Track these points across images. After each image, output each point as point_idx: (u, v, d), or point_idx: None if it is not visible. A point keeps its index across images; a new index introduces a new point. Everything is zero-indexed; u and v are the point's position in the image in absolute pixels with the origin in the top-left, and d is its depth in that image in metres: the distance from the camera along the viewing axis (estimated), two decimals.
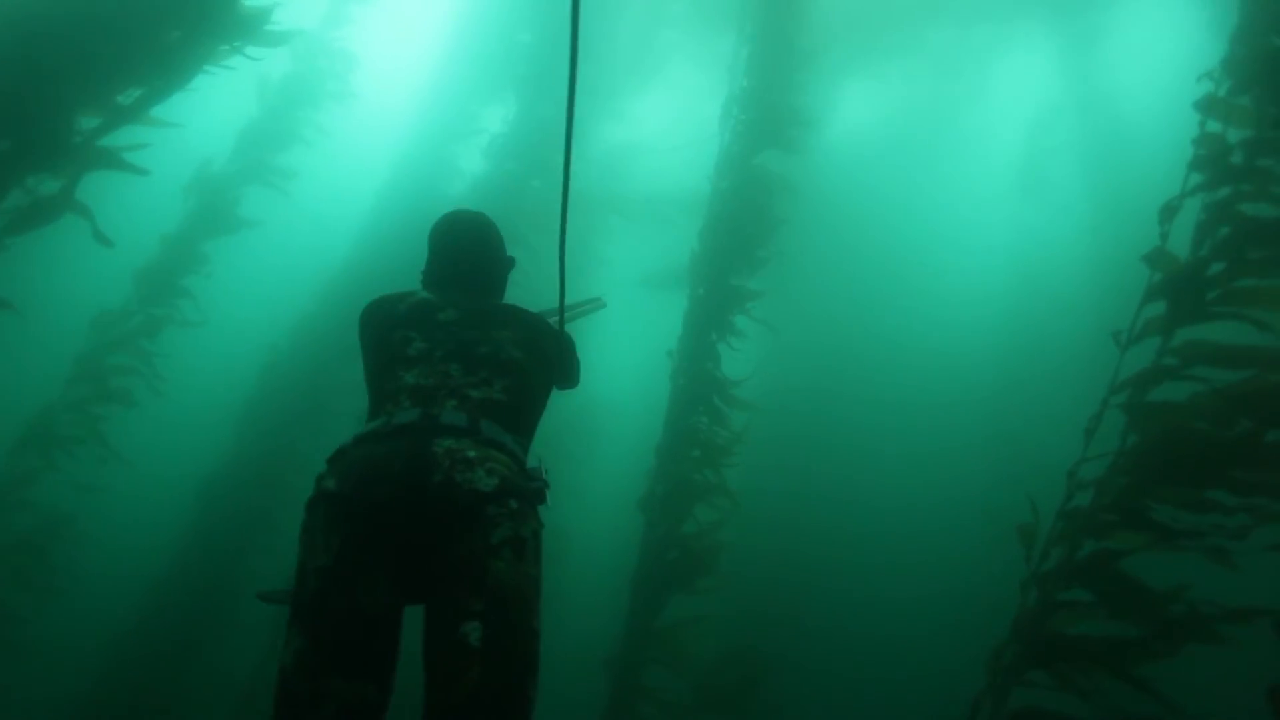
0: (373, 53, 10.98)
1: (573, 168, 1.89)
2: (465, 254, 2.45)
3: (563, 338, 2.45)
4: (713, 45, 13.06)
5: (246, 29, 5.99)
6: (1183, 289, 3.83)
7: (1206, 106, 4.40)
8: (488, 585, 1.68)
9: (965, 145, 14.32)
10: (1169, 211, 4.19)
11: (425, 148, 10.98)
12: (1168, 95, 13.26)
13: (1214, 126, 4.38)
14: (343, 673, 1.61)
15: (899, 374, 13.16)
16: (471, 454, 1.82)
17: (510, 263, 2.60)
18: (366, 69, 10.57)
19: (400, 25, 14.60)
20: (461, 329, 2.20)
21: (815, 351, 11.28)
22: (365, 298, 2.42)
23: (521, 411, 2.14)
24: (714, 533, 6.66)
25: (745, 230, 7.78)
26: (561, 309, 2.34)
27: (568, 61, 1.59)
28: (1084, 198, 12.77)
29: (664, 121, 14.64)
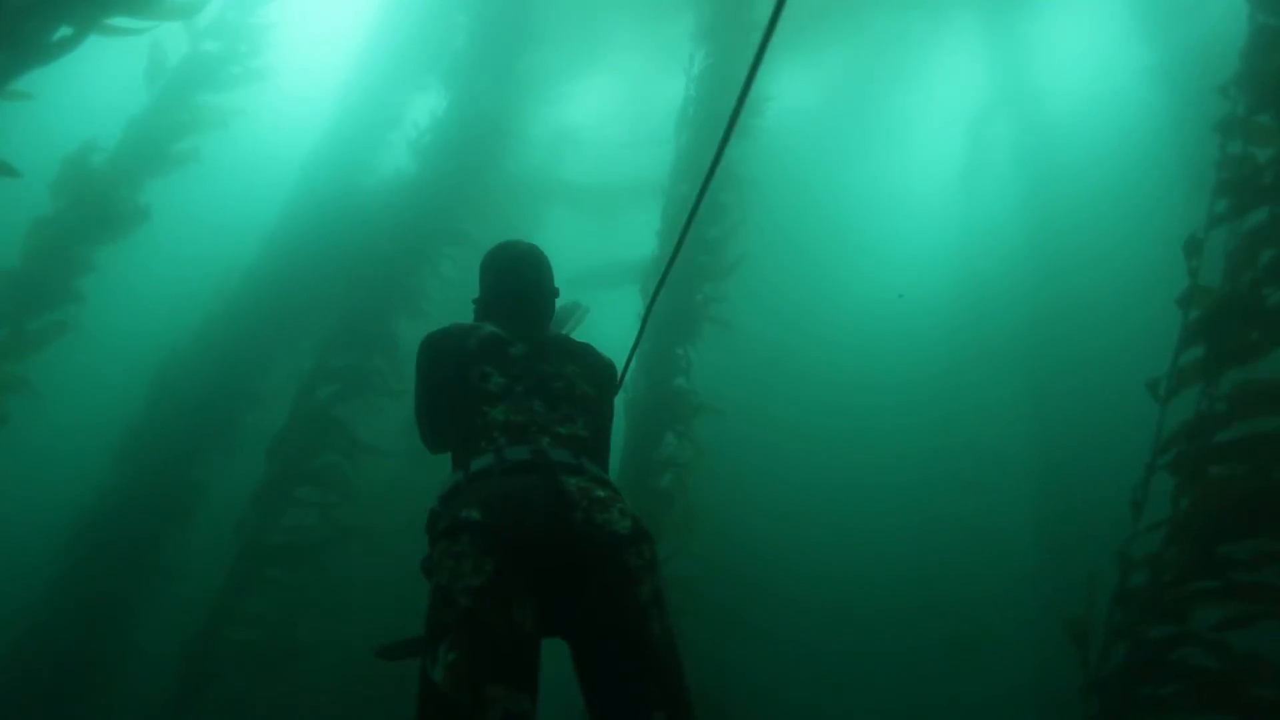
0: (289, 32, 9.86)
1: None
2: (526, 285, 2.48)
3: (615, 372, 2.47)
4: (657, 31, 12.54)
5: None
6: (1223, 326, 3.49)
7: (1226, 128, 4.10)
8: (658, 662, 1.72)
9: (906, 134, 14.27)
10: (1194, 246, 3.86)
11: (346, 138, 9.97)
12: (1095, 89, 13.76)
13: (1236, 147, 4.07)
14: (504, 681, 1.61)
15: (846, 360, 13.12)
16: (600, 493, 1.87)
17: (556, 293, 2.60)
18: (281, 49, 9.45)
19: (321, 3, 13.36)
20: (534, 363, 2.24)
21: (763, 344, 11.05)
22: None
23: (601, 448, 2.22)
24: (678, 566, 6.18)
25: (708, 234, 7.29)
26: (634, 348, 2.49)
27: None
28: (1020, 190, 12.94)
29: (608, 107, 14.02)
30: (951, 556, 12.14)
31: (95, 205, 7.63)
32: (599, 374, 2.36)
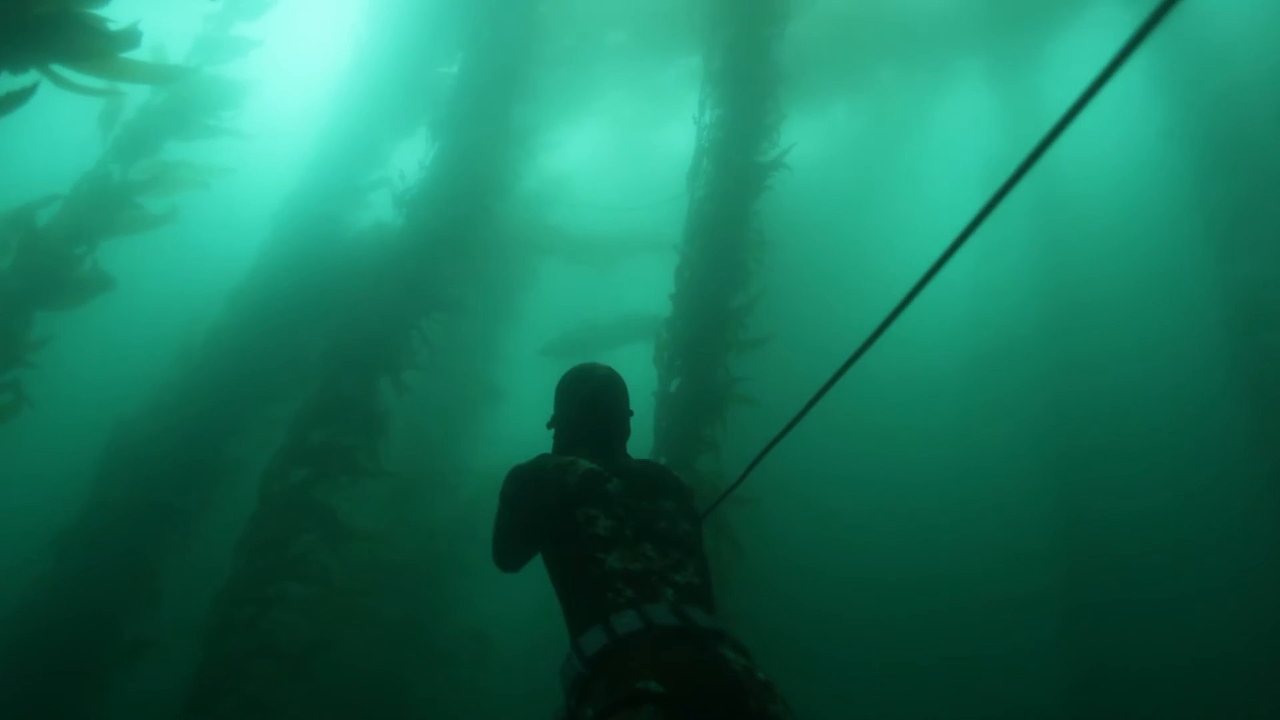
0: (263, 79, 9.17)
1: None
2: (609, 412, 2.53)
3: (695, 498, 2.45)
4: (651, 77, 12.16)
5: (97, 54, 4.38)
6: None
7: None
8: None
9: (916, 190, 14.00)
10: None
11: (323, 188, 9.27)
12: (1110, 145, 13.69)
13: None
14: None
15: (865, 423, 12.70)
16: (761, 676, 1.82)
17: (631, 414, 2.64)
18: (256, 97, 8.76)
19: (300, 48, 12.71)
20: (633, 501, 2.23)
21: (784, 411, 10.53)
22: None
23: (711, 593, 2.15)
24: None
25: (730, 303, 6.66)
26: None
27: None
28: (1032, 246, 12.70)
29: (601, 155, 13.55)
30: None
31: (44, 269, 6.79)
32: (689, 504, 2.36)
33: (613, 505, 2.17)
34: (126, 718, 6.44)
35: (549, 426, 2.61)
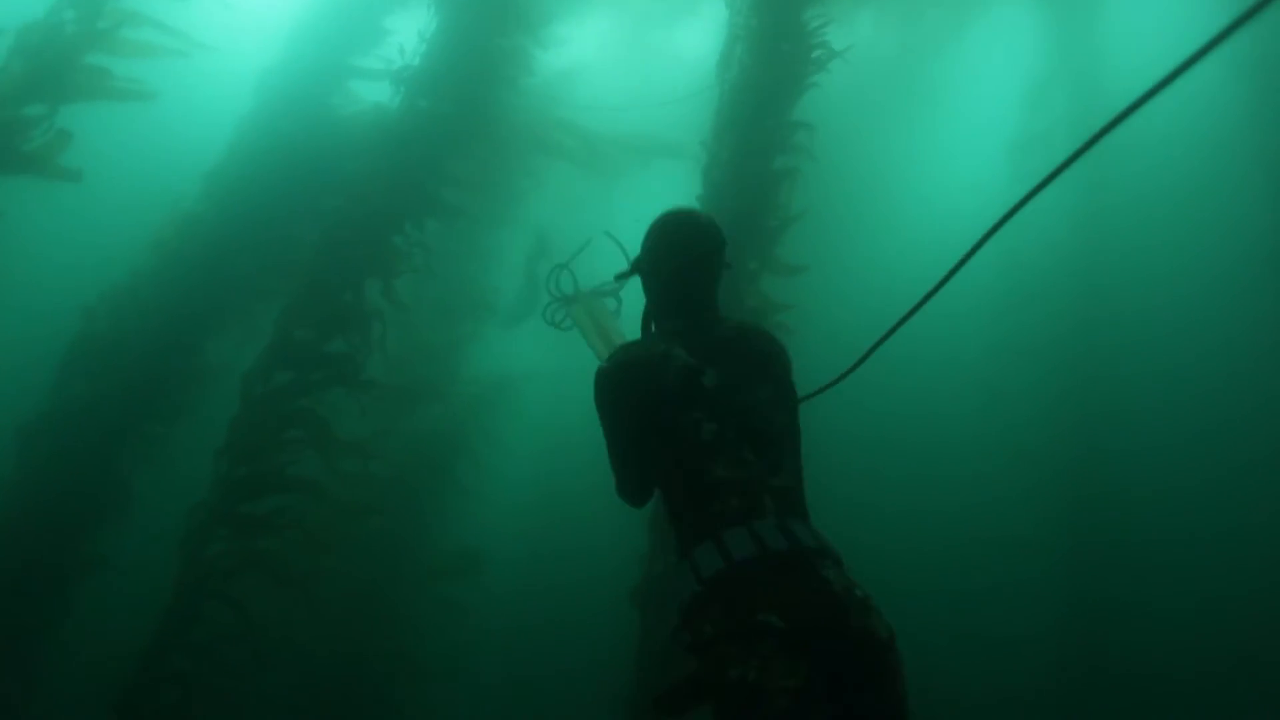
0: None
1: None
2: (705, 274, 2.35)
3: (789, 360, 2.38)
4: None
5: None
6: None
7: None
8: None
9: (954, 104, 13.05)
10: None
11: (311, 60, 8.35)
12: (1166, 117, 12.70)
13: None
14: None
15: (888, 361, 12.08)
16: (858, 593, 1.88)
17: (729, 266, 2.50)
18: None
19: None
20: (731, 395, 2.13)
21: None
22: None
23: (804, 492, 2.16)
24: None
25: (762, 212, 6.02)
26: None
27: None
28: (1073, 184, 11.89)
29: (611, 52, 12.53)
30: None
31: None
32: (785, 385, 2.29)
33: (713, 405, 2.10)
34: (95, 631, 6.04)
35: (626, 276, 2.53)
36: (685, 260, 2.32)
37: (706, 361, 2.17)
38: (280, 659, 6.49)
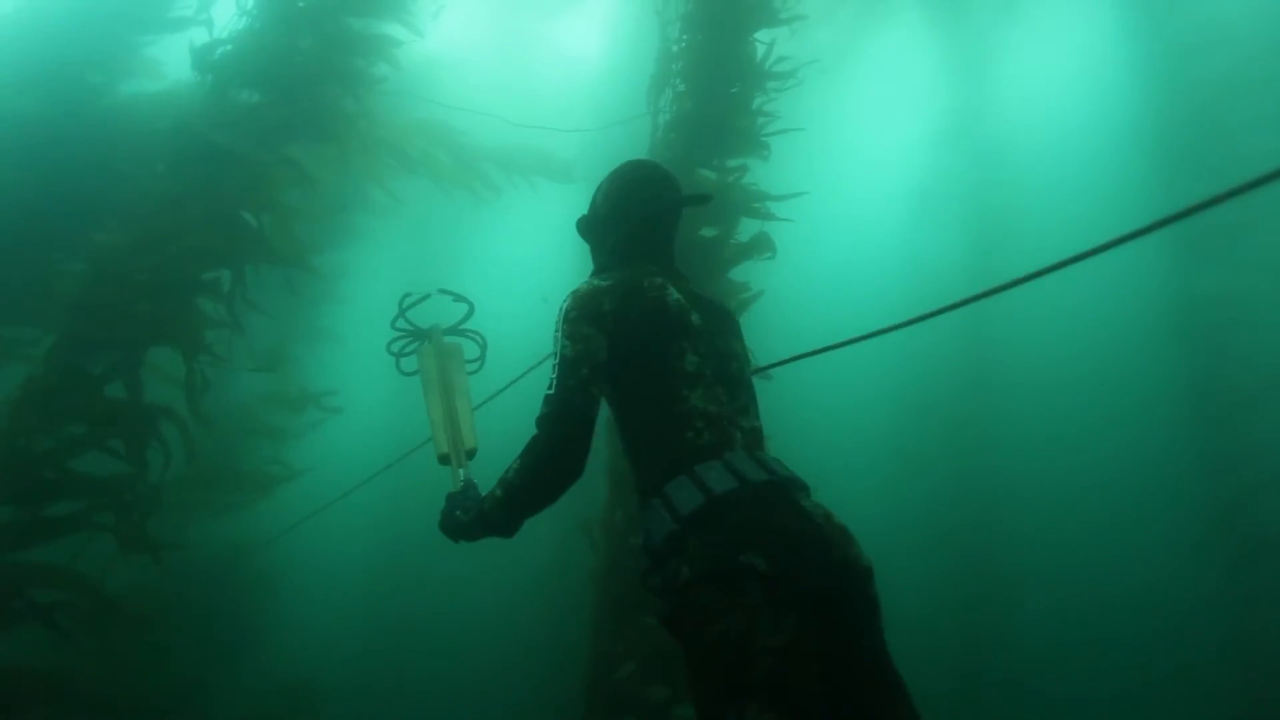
0: None
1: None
2: (671, 225, 2.34)
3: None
4: None
5: None
6: None
7: None
8: (900, 683, 1.72)
9: (859, 155, 12.31)
10: None
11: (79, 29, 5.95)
12: (1058, 109, 12.78)
13: None
14: None
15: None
16: (836, 521, 1.84)
17: None
18: None
19: None
20: (712, 338, 2.10)
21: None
22: None
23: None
24: None
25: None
26: None
27: None
28: (966, 222, 11.63)
29: (481, 42, 10.64)
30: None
31: None
32: (745, 345, 2.29)
33: (698, 342, 2.04)
34: None
35: (582, 232, 2.40)
36: (657, 208, 2.26)
37: (693, 308, 2.12)
38: None
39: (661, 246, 2.26)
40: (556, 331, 2.00)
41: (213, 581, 6.72)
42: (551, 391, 1.94)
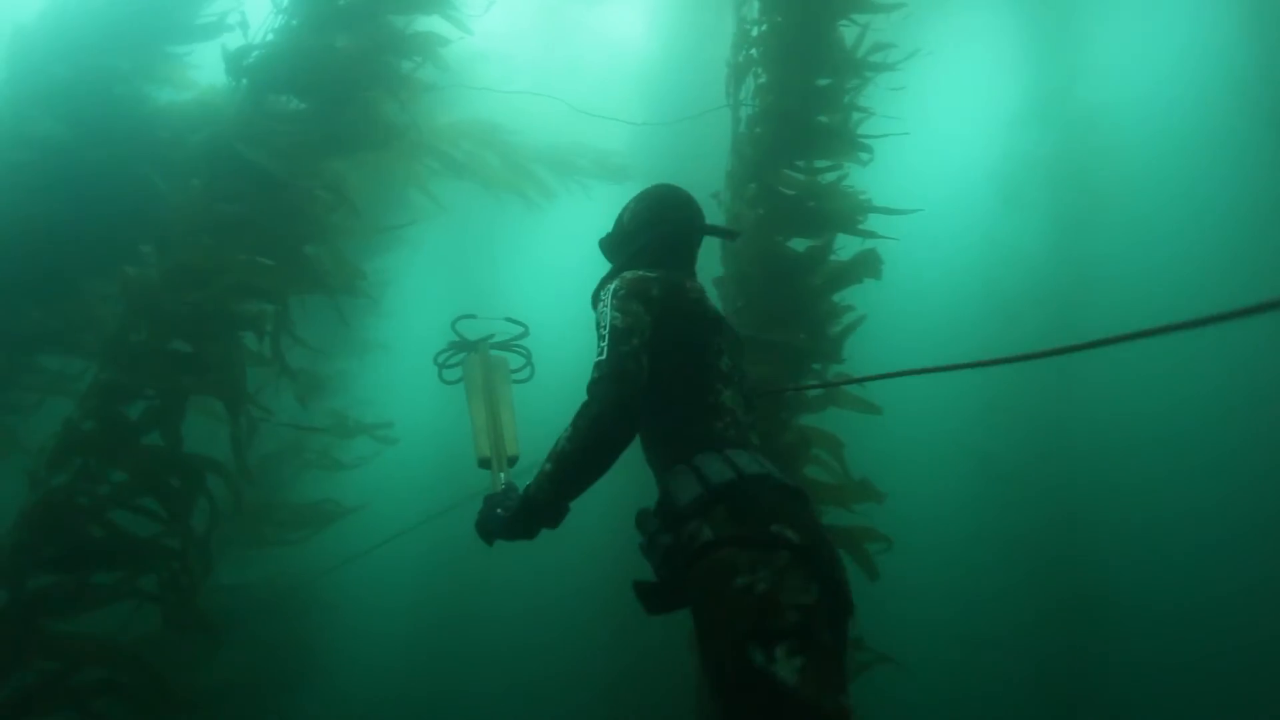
0: None
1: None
2: (696, 241, 2.47)
3: None
4: None
5: None
6: None
7: None
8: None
9: (937, 142, 11.58)
10: None
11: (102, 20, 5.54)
12: (1144, 97, 11.88)
13: None
14: (849, 696, 1.65)
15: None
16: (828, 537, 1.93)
17: None
18: None
19: None
20: (735, 354, 2.26)
21: None
22: None
23: None
24: None
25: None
26: None
27: None
28: (1053, 207, 10.80)
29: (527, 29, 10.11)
30: None
31: None
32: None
33: (729, 350, 2.21)
34: None
35: (605, 250, 2.52)
36: (688, 223, 2.39)
37: (720, 316, 2.27)
38: None
39: (687, 255, 2.41)
40: (604, 307, 2.06)
41: (266, 615, 6.42)
42: (603, 358, 1.97)
